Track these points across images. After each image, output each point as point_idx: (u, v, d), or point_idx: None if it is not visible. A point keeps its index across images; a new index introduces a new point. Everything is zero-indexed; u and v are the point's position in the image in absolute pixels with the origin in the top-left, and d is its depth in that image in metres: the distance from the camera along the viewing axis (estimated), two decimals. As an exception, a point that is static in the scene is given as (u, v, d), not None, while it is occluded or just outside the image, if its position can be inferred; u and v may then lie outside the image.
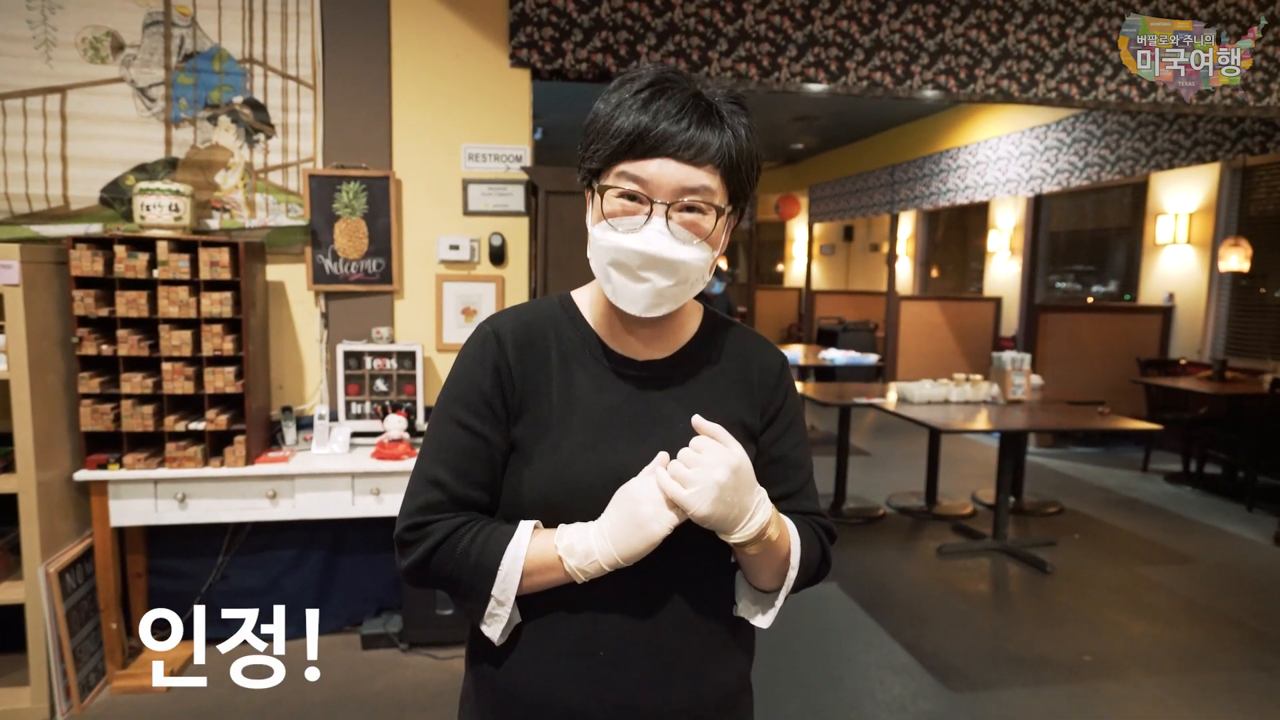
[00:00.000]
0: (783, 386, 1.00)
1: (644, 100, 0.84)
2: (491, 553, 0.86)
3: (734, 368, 0.99)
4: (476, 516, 0.90)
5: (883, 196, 9.27)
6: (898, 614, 3.36)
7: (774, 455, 0.98)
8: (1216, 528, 4.64)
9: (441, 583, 0.89)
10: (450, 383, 0.94)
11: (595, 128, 0.88)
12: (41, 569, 2.42)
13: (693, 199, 0.85)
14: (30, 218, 2.71)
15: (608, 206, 0.87)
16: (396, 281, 3.04)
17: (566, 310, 0.98)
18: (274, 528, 2.96)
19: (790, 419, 1.00)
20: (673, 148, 0.83)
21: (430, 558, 0.87)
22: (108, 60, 2.73)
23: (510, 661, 0.91)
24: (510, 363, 0.92)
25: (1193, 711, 2.63)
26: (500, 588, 0.86)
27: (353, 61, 2.94)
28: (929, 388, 4.48)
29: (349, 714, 2.51)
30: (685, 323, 0.99)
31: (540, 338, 0.94)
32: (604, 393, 0.92)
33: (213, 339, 2.61)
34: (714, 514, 0.82)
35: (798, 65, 3.29)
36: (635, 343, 0.96)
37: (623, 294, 0.89)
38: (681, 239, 0.86)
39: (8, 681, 2.53)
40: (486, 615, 0.88)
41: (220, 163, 2.86)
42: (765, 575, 0.92)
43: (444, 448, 0.91)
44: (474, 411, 0.91)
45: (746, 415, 0.97)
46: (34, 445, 2.38)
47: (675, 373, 0.96)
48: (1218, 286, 6.07)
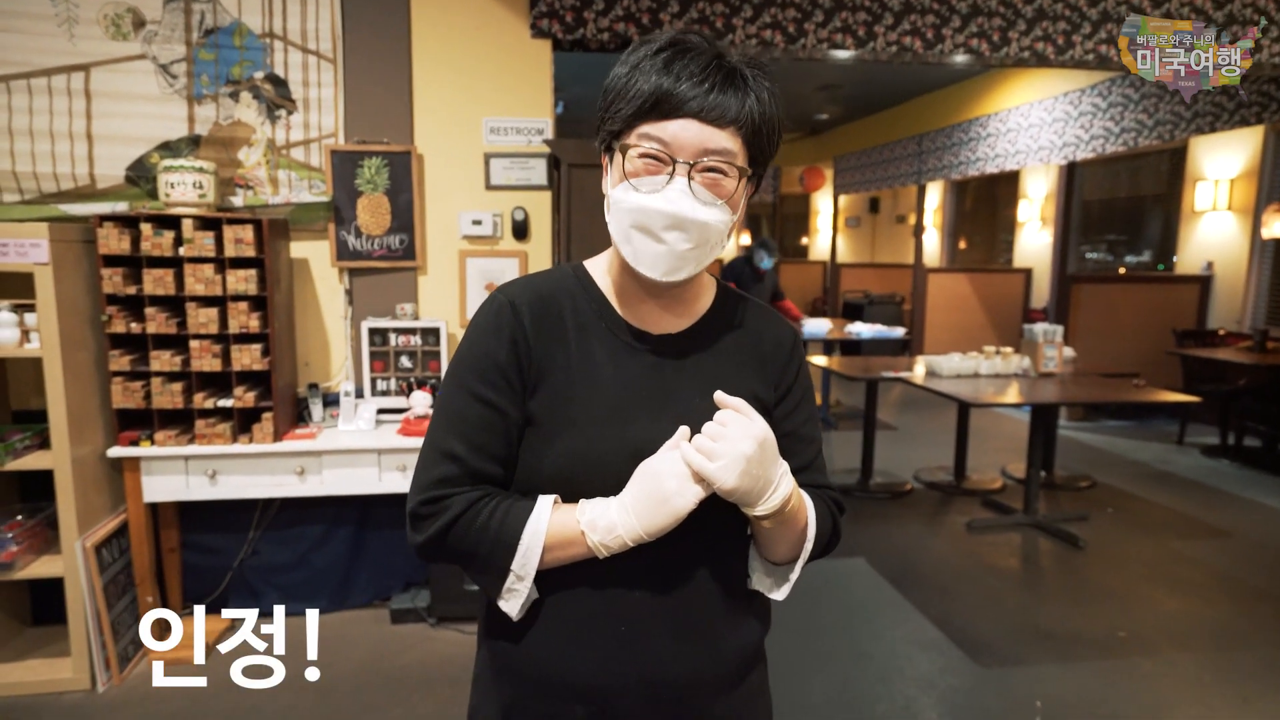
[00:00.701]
0: (795, 361, 1.00)
1: (665, 61, 0.83)
2: (511, 527, 0.85)
3: (747, 342, 0.98)
4: (493, 490, 0.89)
5: (909, 167, 9.09)
6: (926, 589, 3.33)
7: (786, 429, 0.97)
8: (1255, 501, 4.54)
9: (458, 557, 0.88)
10: (463, 352, 0.92)
11: (615, 88, 0.87)
12: (79, 543, 2.47)
13: (715, 159, 0.84)
14: (58, 197, 2.72)
15: (629, 166, 0.86)
16: (420, 257, 3.03)
17: (580, 280, 0.97)
18: (302, 504, 2.99)
19: (802, 394, 1.00)
20: (696, 108, 0.82)
21: (447, 532, 0.86)
22: (129, 37, 2.73)
23: (528, 637, 0.90)
24: (527, 333, 0.90)
25: (1229, 689, 2.58)
26: (520, 562, 0.85)
27: (372, 34, 2.91)
28: (958, 361, 4.41)
29: (377, 687, 2.55)
30: (700, 295, 0.98)
31: (555, 308, 0.93)
32: (620, 366, 0.91)
33: (239, 316, 2.62)
34: (741, 487, 0.82)
35: (824, 31, 3.20)
36: (650, 315, 0.95)
37: (643, 257, 0.87)
38: (704, 200, 0.85)
39: (50, 652, 2.60)
40: (505, 590, 0.87)
41: (243, 139, 2.85)
42: (781, 548, 0.92)
43: (458, 420, 0.89)
44: (489, 383, 0.89)
45: (760, 389, 0.96)
46: (68, 422, 2.42)
47: (690, 346, 0.95)
48: (1259, 254, 5.88)
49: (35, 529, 2.55)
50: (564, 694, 0.90)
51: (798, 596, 0.94)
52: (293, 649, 3.10)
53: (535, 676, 0.91)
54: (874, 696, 2.53)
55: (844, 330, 6.39)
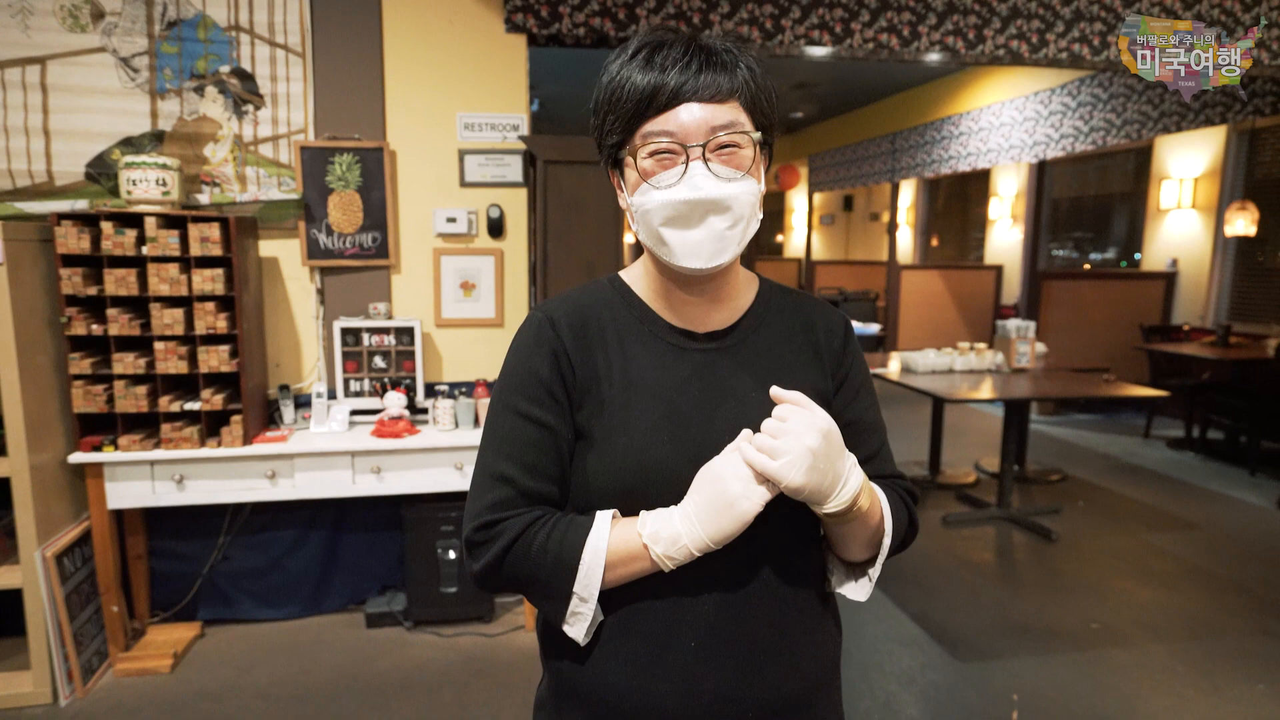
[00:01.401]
0: (850, 348, 0.97)
1: (645, 58, 0.82)
2: (571, 547, 0.81)
3: (799, 332, 0.95)
4: (549, 511, 0.85)
5: (883, 165, 9.16)
6: (904, 585, 3.35)
7: (849, 419, 0.93)
8: (1220, 493, 4.64)
9: (518, 583, 0.84)
10: (506, 373, 0.90)
11: (604, 101, 0.85)
12: (38, 553, 2.38)
13: (725, 134, 0.82)
14: (13, 194, 2.63)
15: (643, 167, 0.83)
16: (393, 256, 2.97)
17: (618, 289, 0.94)
18: (274, 508, 2.93)
19: (860, 380, 0.96)
20: (690, 90, 0.81)
21: (504, 558, 0.83)
22: (88, 29, 2.63)
23: (593, 660, 0.86)
24: (568, 347, 0.88)
25: (1202, 678, 2.63)
26: (583, 584, 0.81)
27: (343, 28, 2.84)
28: (933, 357, 4.44)
29: (354, 694, 2.50)
30: (742, 290, 0.95)
31: (595, 320, 0.90)
32: (668, 369, 0.88)
33: (205, 317, 2.55)
34: (809, 484, 0.78)
35: (801, 27, 3.19)
36: (694, 314, 0.92)
37: (681, 251, 0.84)
38: (726, 176, 0.82)
39: (8, 666, 2.51)
40: (569, 615, 0.83)
41: (209, 135, 2.78)
42: (857, 546, 0.89)
43: (507, 440, 0.86)
44: (535, 400, 0.86)
45: (818, 380, 0.93)
46: (25, 428, 2.33)
47: (739, 342, 0.92)
48: (1222, 251, 6.01)
49: (-8, 538, 2.47)
50: (636, 719, 0.86)
51: None
52: (266, 656, 3.04)
53: (603, 701, 0.87)
54: (856, 694, 2.53)
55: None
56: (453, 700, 2.46)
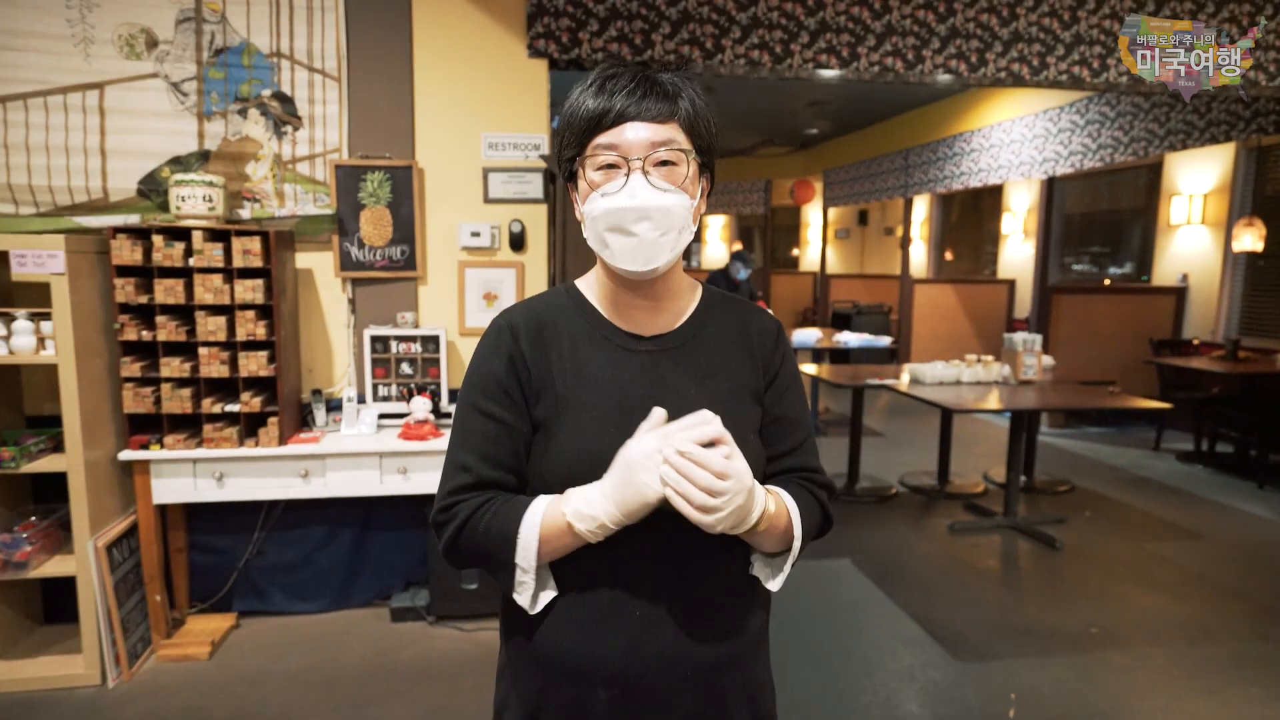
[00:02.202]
0: (780, 349, 1.08)
1: (597, 87, 0.94)
2: (510, 523, 0.91)
3: (735, 336, 1.06)
4: (499, 494, 0.95)
5: (897, 180, 9.27)
6: (909, 588, 3.44)
7: (776, 414, 1.05)
8: (1227, 505, 4.68)
9: (474, 558, 0.95)
10: (470, 374, 1.01)
11: (563, 124, 0.97)
12: (90, 543, 2.55)
13: (664, 150, 0.93)
14: (72, 209, 2.82)
15: (591, 179, 0.95)
16: (420, 268, 3.14)
17: (573, 297, 1.05)
18: (306, 505, 3.09)
19: (789, 380, 1.08)
20: (634, 113, 0.92)
21: (459, 536, 0.94)
22: (143, 56, 2.84)
23: (545, 628, 0.96)
24: (524, 351, 0.99)
25: (1198, 681, 2.71)
26: (522, 555, 0.91)
27: (376, 54, 3.03)
28: (941, 369, 4.54)
29: (379, 683, 2.64)
30: (683, 296, 1.06)
31: (550, 325, 1.01)
32: (617, 369, 0.99)
33: (246, 324, 2.72)
34: (726, 527, 0.86)
35: (810, 52, 3.34)
36: (641, 319, 1.02)
37: (620, 253, 0.94)
38: (661, 188, 0.93)
39: (62, 649, 2.68)
40: (516, 584, 0.93)
41: (250, 154, 2.96)
42: (769, 543, 0.98)
43: (469, 434, 0.98)
44: (493, 399, 0.98)
45: (750, 379, 1.04)
46: (81, 427, 2.51)
47: (681, 344, 1.02)
48: (1232, 267, 6.06)
49: (48, 530, 2.64)
50: (588, 680, 0.95)
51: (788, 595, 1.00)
52: (297, 646, 3.21)
53: (558, 665, 0.96)
54: (858, 689, 2.63)
55: (833, 339, 6.53)
56: (471, 688, 2.59)
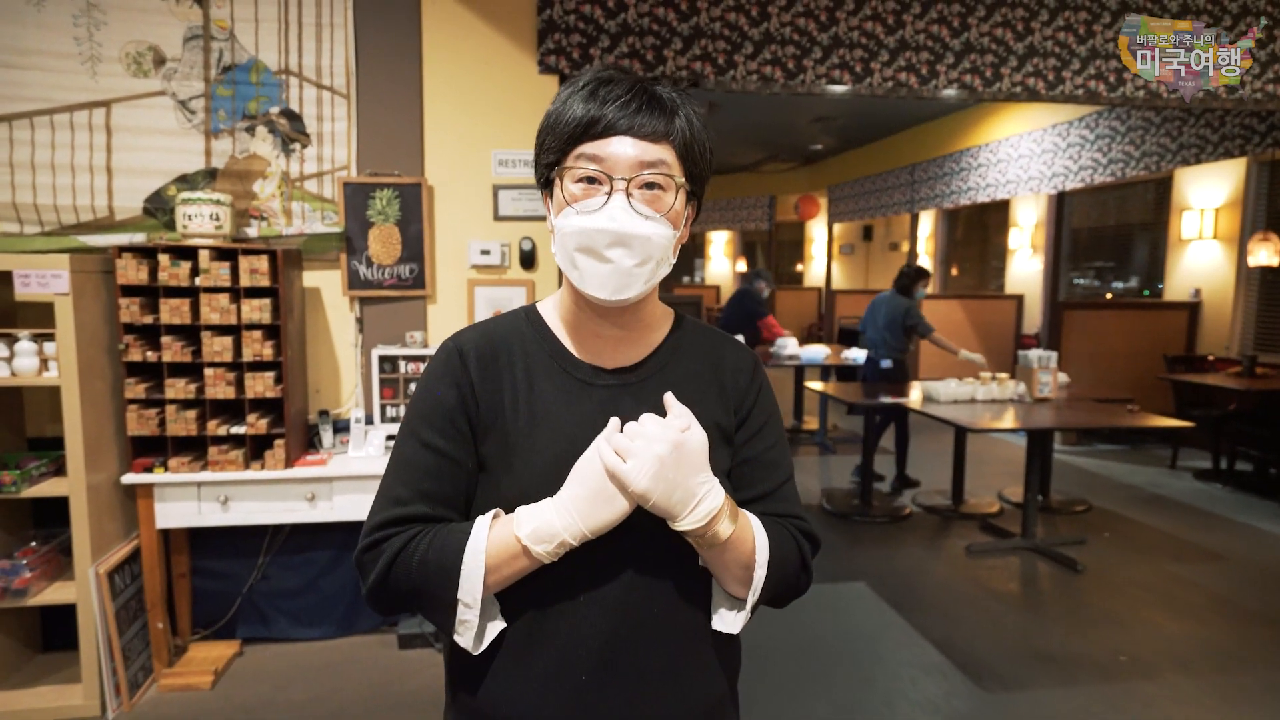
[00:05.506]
0: (755, 386, 0.98)
1: (590, 91, 0.85)
2: (451, 553, 0.82)
3: (706, 370, 0.97)
4: (430, 526, 0.86)
5: (902, 196, 9.24)
6: (928, 613, 3.36)
7: (746, 456, 0.96)
8: (1248, 525, 4.60)
9: (407, 599, 0.85)
10: (414, 400, 0.92)
11: (546, 125, 0.88)
12: (92, 569, 2.49)
13: (652, 174, 0.84)
14: (77, 228, 2.78)
15: (568, 192, 0.86)
16: (429, 286, 3.09)
17: (532, 321, 0.96)
18: (312, 529, 3.02)
19: (764, 419, 0.98)
20: (626, 127, 0.83)
21: (388, 574, 0.84)
22: (150, 74, 2.81)
23: (488, 685, 0.88)
24: (474, 379, 0.90)
25: (1231, 712, 2.62)
26: (466, 589, 0.82)
27: (385, 71, 3.00)
28: (955, 386, 4.48)
29: (386, 711, 2.56)
30: (654, 326, 0.97)
31: (505, 352, 0.93)
32: (572, 405, 0.90)
33: (252, 345, 2.67)
34: (653, 491, 0.79)
35: (822, 67, 3.31)
36: (604, 349, 0.93)
37: (590, 279, 0.86)
38: (644, 215, 0.84)
39: (61, 678, 2.61)
40: (457, 624, 0.84)
41: (258, 172, 2.93)
42: (729, 577, 0.89)
43: (406, 466, 0.89)
44: (438, 430, 0.89)
45: (721, 417, 0.95)
46: (84, 449, 2.45)
47: (645, 378, 0.93)
48: (1246, 281, 6.00)
49: (49, 555, 2.57)
50: None
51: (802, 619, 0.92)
52: (301, 674, 3.13)
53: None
54: None
55: (840, 356, 6.46)
56: None
